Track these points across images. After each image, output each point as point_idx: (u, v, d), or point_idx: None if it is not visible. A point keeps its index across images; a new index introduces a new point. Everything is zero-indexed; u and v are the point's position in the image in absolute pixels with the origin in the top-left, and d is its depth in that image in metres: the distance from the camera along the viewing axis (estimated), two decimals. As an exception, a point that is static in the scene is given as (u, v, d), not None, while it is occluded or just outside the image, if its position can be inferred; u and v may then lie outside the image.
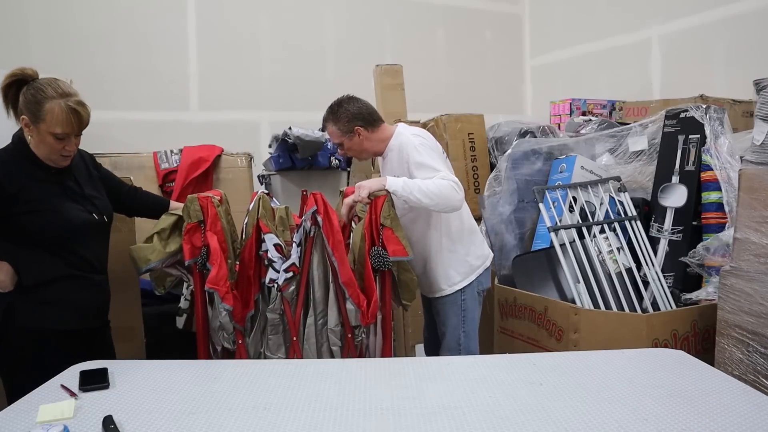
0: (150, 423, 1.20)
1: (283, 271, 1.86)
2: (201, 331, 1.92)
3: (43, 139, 1.67)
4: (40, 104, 1.65)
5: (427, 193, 1.90)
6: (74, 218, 1.75)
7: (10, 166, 1.69)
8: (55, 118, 1.65)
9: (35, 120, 1.66)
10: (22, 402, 1.32)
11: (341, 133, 2.15)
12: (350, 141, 2.15)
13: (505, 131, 3.35)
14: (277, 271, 1.86)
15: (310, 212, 1.88)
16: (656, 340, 2.03)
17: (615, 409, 1.22)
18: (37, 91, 1.66)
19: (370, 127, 2.15)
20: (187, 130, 3.80)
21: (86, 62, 3.61)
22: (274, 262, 1.86)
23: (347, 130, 2.13)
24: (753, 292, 1.79)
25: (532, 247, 2.73)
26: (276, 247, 1.87)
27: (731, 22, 3.44)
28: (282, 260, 1.87)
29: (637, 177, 2.72)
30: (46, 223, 1.70)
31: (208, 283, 1.82)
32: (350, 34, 4.47)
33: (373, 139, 2.17)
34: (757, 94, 1.97)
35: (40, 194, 1.71)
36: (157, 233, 1.91)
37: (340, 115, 2.13)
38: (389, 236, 1.90)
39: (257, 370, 1.52)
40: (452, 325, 2.21)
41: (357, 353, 1.93)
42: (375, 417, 1.22)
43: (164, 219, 1.95)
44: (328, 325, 1.90)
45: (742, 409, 1.21)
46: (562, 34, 4.76)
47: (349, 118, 2.12)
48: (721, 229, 2.25)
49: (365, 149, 2.19)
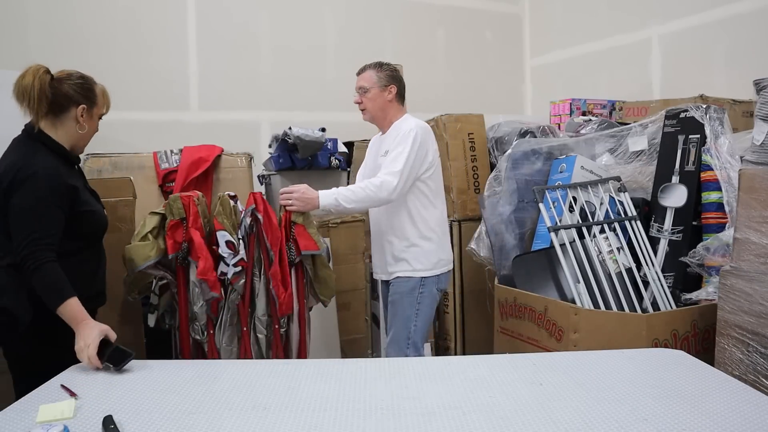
0: (150, 423, 1.20)
1: (233, 266, 2.01)
2: (184, 326, 2.04)
3: (94, 123, 1.79)
4: (92, 89, 1.76)
5: (355, 200, 2.12)
6: (104, 215, 1.85)
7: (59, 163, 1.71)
8: (104, 99, 1.80)
9: (92, 105, 1.76)
10: (22, 402, 1.32)
11: (377, 80, 2.30)
12: (380, 93, 2.30)
13: (505, 131, 3.35)
14: (228, 265, 2.00)
15: (249, 210, 2.05)
16: (656, 340, 2.03)
17: (615, 408, 1.22)
18: (85, 80, 1.76)
19: (399, 96, 2.35)
20: (187, 130, 3.80)
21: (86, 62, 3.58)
22: (224, 257, 2.00)
23: (385, 83, 2.31)
24: (753, 292, 1.79)
25: (532, 247, 2.73)
26: (227, 244, 2.01)
27: (731, 22, 3.44)
28: (232, 255, 2.01)
29: (637, 177, 2.71)
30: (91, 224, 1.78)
31: (198, 274, 1.95)
32: (350, 34, 4.47)
33: (392, 108, 2.34)
34: (757, 94, 1.97)
35: (84, 194, 1.77)
36: (150, 232, 1.99)
37: (386, 69, 2.33)
38: (301, 232, 2.09)
39: (257, 370, 1.52)
40: (405, 316, 2.28)
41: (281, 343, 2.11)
42: (375, 417, 1.22)
43: (150, 219, 2.02)
44: (256, 313, 2.07)
45: (742, 409, 1.21)
46: (562, 34, 4.76)
47: (392, 76, 2.33)
48: (721, 229, 2.25)
49: (382, 109, 2.32)
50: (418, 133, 2.21)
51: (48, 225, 1.62)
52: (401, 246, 2.29)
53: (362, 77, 2.34)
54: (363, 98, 2.33)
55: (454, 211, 3.24)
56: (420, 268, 2.28)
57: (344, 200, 2.11)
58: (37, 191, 1.61)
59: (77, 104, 1.73)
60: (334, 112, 4.05)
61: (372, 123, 2.42)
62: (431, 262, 2.29)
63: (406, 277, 2.28)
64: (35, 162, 1.65)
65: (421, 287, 2.27)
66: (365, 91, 2.32)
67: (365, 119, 2.41)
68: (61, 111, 1.72)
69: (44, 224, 1.61)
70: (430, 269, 2.28)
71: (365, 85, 2.32)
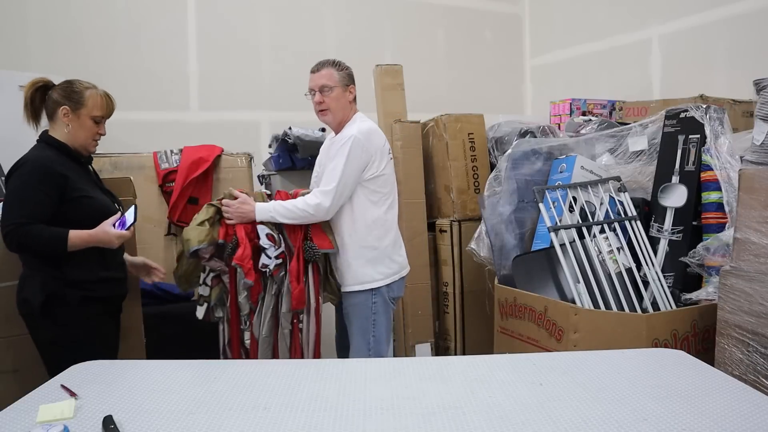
0: (150, 423, 1.20)
1: (274, 258, 2.09)
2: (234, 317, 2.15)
3: (83, 123, 1.92)
4: (80, 93, 1.92)
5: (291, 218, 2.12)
6: (107, 206, 1.97)
7: (56, 156, 1.89)
8: (95, 102, 1.93)
9: (77, 107, 1.91)
10: (22, 402, 1.32)
11: (339, 79, 2.21)
12: (342, 92, 2.22)
13: (505, 131, 3.35)
14: (269, 257, 2.08)
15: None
16: (656, 340, 2.03)
17: (615, 409, 1.22)
18: (71, 84, 1.93)
19: (354, 99, 2.28)
20: (187, 130, 3.80)
21: (86, 62, 3.61)
22: (266, 249, 2.09)
23: (346, 82, 2.24)
24: (753, 292, 1.79)
25: (532, 247, 2.73)
26: (268, 236, 2.10)
27: (731, 22, 3.44)
28: (273, 248, 2.09)
29: (637, 177, 2.71)
30: (90, 210, 1.90)
31: (235, 259, 2.06)
32: (350, 34, 4.47)
33: (350, 110, 2.27)
34: (757, 94, 1.97)
35: (80, 182, 1.91)
36: (207, 220, 2.11)
37: (344, 68, 2.26)
38: (317, 232, 2.18)
39: (257, 370, 1.52)
40: (362, 328, 2.23)
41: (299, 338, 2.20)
42: (375, 417, 1.22)
43: (207, 209, 2.15)
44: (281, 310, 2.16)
45: (742, 409, 1.21)
46: (562, 34, 4.76)
47: (351, 75, 2.27)
48: (721, 229, 2.25)
49: (340, 109, 2.23)
50: (355, 141, 2.11)
51: (33, 208, 1.79)
52: (345, 256, 2.21)
53: (322, 75, 2.20)
54: (325, 98, 2.19)
55: (454, 211, 3.25)
56: (369, 279, 2.20)
57: (280, 216, 2.10)
58: (24, 176, 1.81)
59: (59, 106, 1.91)
60: (334, 112, 4.04)
61: (330, 125, 2.31)
62: (379, 271, 2.21)
63: (356, 291, 2.21)
64: (32, 154, 1.87)
65: (373, 300, 2.21)
66: (329, 89, 2.18)
67: (325, 121, 2.28)
68: (53, 114, 1.93)
69: (29, 206, 1.79)
70: (380, 280, 2.21)
71: (328, 84, 2.19)
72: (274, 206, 2.12)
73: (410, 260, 3.17)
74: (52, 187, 1.82)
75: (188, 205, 2.95)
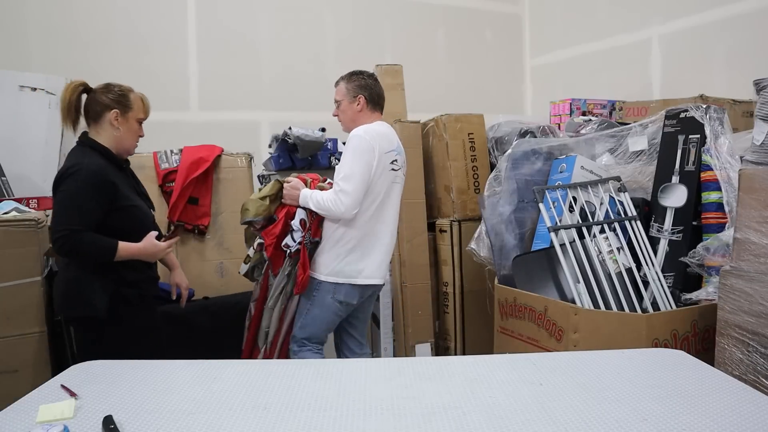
0: (150, 423, 1.20)
1: (297, 243, 2.22)
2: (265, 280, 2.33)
3: (131, 126, 1.98)
4: (127, 96, 1.97)
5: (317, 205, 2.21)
6: (148, 215, 2.03)
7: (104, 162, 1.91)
8: (139, 105, 2.00)
9: (125, 110, 1.96)
10: (22, 402, 1.32)
11: (346, 92, 2.35)
12: (349, 104, 2.34)
13: (505, 131, 3.35)
14: (294, 240, 2.21)
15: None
16: (656, 340, 2.03)
17: (615, 409, 1.22)
18: (116, 87, 1.96)
19: (371, 104, 2.35)
20: (187, 130, 3.80)
21: (86, 62, 3.61)
22: (294, 231, 2.23)
23: (353, 94, 2.34)
24: (753, 292, 1.79)
25: (532, 247, 2.73)
26: (301, 221, 2.24)
27: (731, 22, 3.44)
28: (300, 232, 2.23)
29: (637, 177, 2.71)
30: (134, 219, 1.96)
31: (263, 231, 2.25)
32: (350, 34, 4.47)
33: (363, 117, 2.33)
34: (757, 94, 1.97)
35: (126, 190, 1.95)
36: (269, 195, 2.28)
37: (355, 79, 2.36)
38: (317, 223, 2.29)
39: (257, 370, 1.52)
40: (300, 309, 2.34)
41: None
42: (375, 417, 1.22)
43: (273, 185, 2.32)
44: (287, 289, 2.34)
45: (742, 409, 1.21)
46: (562, 34, 4.76)
47: (360, 86, 2.34)
48: (721, 229, 2.25)
49: (353, 120, 2.34)
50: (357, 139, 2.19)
51: (79, 216, 1.80)
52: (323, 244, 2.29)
53: (336, 90, 2.40)
54: (338, 111, 2.39)
55: (454, 211, 3.25)
56: (320, 271, 2.26)
57: (312, 204, 2.22)
58: (79, 182, 1.81)
59: (110, 109, 1.93)
60: (334, 112, 4.04)
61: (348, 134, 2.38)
62: (331, 268, 2.24)
63: (311, 276, 2.27)
64: (81, 161, 1.86)
65: (315, 289, 2.27)
66: (338, 103, 2.38)
67: (343, 130, 2.42)
68: (98, 117, 1.93)
69: (75, 215, 1.80)
70: (327, 275, 2.24)
71: (337, 98, 2.38)
72: (312, 194, 2.24)
73: (410, 260, 3.19)
74: (103, 196, 1.85)
75: (188, 205, 2.95)
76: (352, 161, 2.15)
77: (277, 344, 2.37)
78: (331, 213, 2.18)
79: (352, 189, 2.13)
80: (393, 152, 2.27)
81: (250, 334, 2.38)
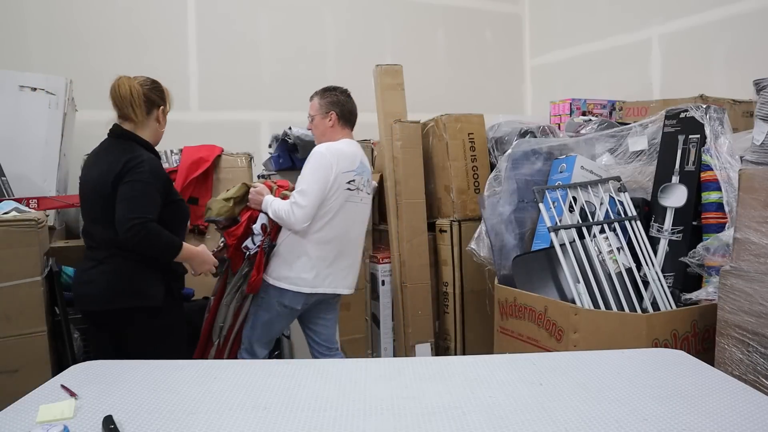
0: (150, 423, 1.20)
1: (256, 246, 2.31)
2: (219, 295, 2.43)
3: (165, 120, 2.06)
4: (164, 91, 2.04)
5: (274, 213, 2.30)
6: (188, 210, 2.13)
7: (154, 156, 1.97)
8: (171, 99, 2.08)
9: (166, 105, 2.04)
10: (22, 402, 1.32)
11: (319, 108, 2.44)
12: (321, 120, 2.44)
13: (505, 131, 3.35)
14: (254, 243, 2.32)
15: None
16: (656, 340, 2.03)
17: (615, 409, 1.22)
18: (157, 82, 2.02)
19: (342, 120, 2.44)
20: (187, 130, 3.79)
21: (86, 62, 3.61)
22: (254, 234, 2.33)
23: (325, 110, 2.43)
24: (753, 292, 1.79)
25: (532, 247, 2.73)
26: (262, 226, 2.33)
27: (731, 22, 3.44)
28: (261, 236, 2.32)
29: (637, 177, 2.71)
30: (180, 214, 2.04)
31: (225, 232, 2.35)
32: (350, 34, 4.47)
33: (334, 133, 2.42)
34: (757, 94, 1.97)
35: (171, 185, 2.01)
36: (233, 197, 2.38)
37: (327, 96, 2.44)
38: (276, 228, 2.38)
39: (257, 370, 1.52)
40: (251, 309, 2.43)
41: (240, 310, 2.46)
42: (375, 417, 1.22)
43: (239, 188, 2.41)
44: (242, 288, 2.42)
45: (742, 409, 1.21)
46: (562, 34, 4.76)
47: (332, 102, 2.43)
48: (721, 229, 2.25)
49: (324, 134, 2.44)
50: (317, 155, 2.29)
51: (151, 206, 1.86)
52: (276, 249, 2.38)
53: (310, 105, 2.49)
54: (311, 125, 2.50)
55: (454, 211, 3.25)
56: (270, 275, 2.34)
57: (272, 212, 2.30)
58: (145, 174, 1.85)
59: (158, 106, 2.00)
60: (334, 112, 4.04)
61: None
62: (278, 273, 2.33)
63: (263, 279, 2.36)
64: (141, 154, 1.90)
65: (264, 292, 2.35)
66: (311, 118, 2.48)
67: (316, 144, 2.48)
68: (148, 113, 1.98)
69: (148, 204, 1.85)
70: (275, 279, 2.33)
71: (311, 113, 2.48)
72: (272, 202, 2.32)
73: (410, 260, 3.19)
74: (162, 190, 1.91)
75: (188, 205, 2.95)
76: (310, 177, 2.26)
77: (230, 340, 2.45)
78: (284, 223, 2.28)
79: (306, 203, 2.23)
80: (352, 172, 2.35)
81: (205, 327, 2.45)
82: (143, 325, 1.95)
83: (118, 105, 1.94)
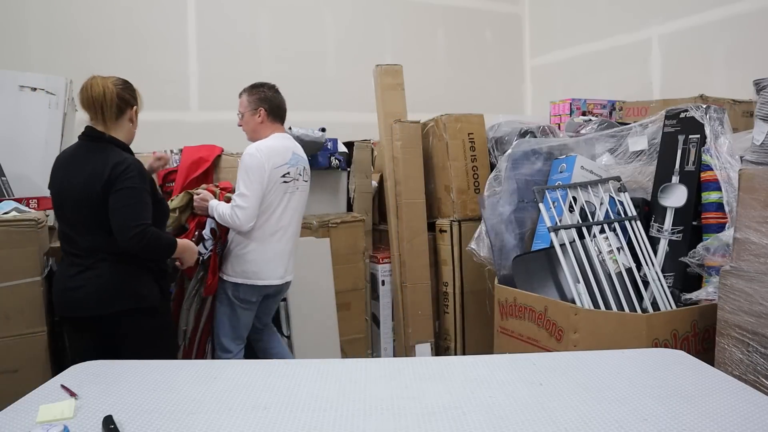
0: (150, 423, 1.20)
1: (209, 250, 2.37)
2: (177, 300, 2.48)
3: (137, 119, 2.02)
4: (135, 90, 2.00)
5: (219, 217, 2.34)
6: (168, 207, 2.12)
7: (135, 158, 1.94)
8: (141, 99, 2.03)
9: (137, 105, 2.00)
10: (22, 402, 1.32)
11: (248, 105, 2.46)
12: (250, 116, 2.45)
13: (505, 131, 3.35)
14: (206, 248, 2.37)
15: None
16: (656, 340, 2.03)
17: (615, 408, 1.22)
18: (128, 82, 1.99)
19: (271, 116, 2.46)
20: (187, 130, 3.80)
21: (86, 62, 3.61)
22: (205, 240, 2.38)
23: (254, 106, 2.45)
24: (753, 292, 1.79)
25: (532, 247, 2.73)
26: (212, 231, 2.39)
27: (731, 22, 3.45)
28: (212, 241, 2.38)
29: (637, 177, 2.71)
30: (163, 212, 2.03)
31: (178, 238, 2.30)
32: (350, 34, 4.47)
33: (264, 129, 2.45)
34: (757, 94, 1.97)
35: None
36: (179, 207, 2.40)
37: (255, 92, 2.46)
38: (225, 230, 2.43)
39: (257, 370, 1.52)
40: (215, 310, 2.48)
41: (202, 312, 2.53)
42: (375, 417, 1.22)
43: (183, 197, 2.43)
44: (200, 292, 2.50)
45: (742, 409, 1.21)
46: (562, 34, 4.76)
47: (261, 98, 2.45)
48: (721, 229, 2.25)
49: (254, 131, 2.47)
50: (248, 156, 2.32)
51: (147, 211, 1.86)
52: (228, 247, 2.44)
53: (239, 102, 2.50)
54: (241, 122, 2.51)
55: (454, 211, 3.24)
56: (225, 272, 2.40)
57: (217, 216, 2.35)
58: (135, 179, 1.84)
59: (131, 106, 1.97)
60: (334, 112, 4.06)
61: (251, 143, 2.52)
62: (233, 269, 2.39)
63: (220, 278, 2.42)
64: (126, 158, 1.87)
65: (222, 289, 2.42)
66: (240, 115, 2.50)
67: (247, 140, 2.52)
68: (120, 114, 1.94)
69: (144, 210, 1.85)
70: (229, 276, 2.39)
71: (240, 110, 2.49)
72: (216, 206, 2.37)
73: (410, 260, 3.19)
74: (150, 191, 1.91)
75: (188, 205, 2.96)
76: (245, 179, 2.30)
77: (195, 342, 2.50)
78: (230, 225, 2.34)
79: (246, 204, 2.28)
80: (285, 165, 2.39)
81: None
82: (140, 326, 1.93)
83: (92, 106, 1.89)
